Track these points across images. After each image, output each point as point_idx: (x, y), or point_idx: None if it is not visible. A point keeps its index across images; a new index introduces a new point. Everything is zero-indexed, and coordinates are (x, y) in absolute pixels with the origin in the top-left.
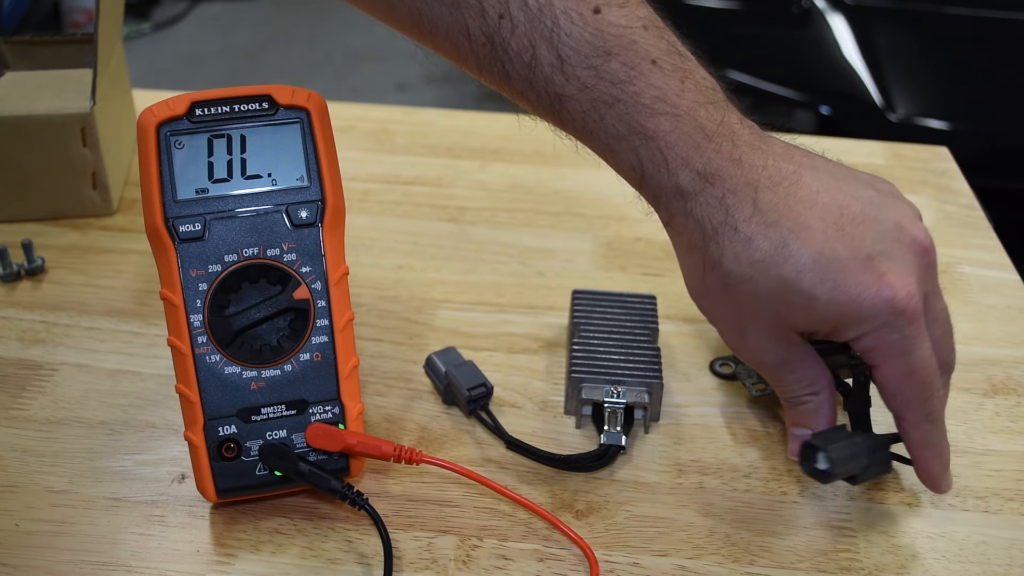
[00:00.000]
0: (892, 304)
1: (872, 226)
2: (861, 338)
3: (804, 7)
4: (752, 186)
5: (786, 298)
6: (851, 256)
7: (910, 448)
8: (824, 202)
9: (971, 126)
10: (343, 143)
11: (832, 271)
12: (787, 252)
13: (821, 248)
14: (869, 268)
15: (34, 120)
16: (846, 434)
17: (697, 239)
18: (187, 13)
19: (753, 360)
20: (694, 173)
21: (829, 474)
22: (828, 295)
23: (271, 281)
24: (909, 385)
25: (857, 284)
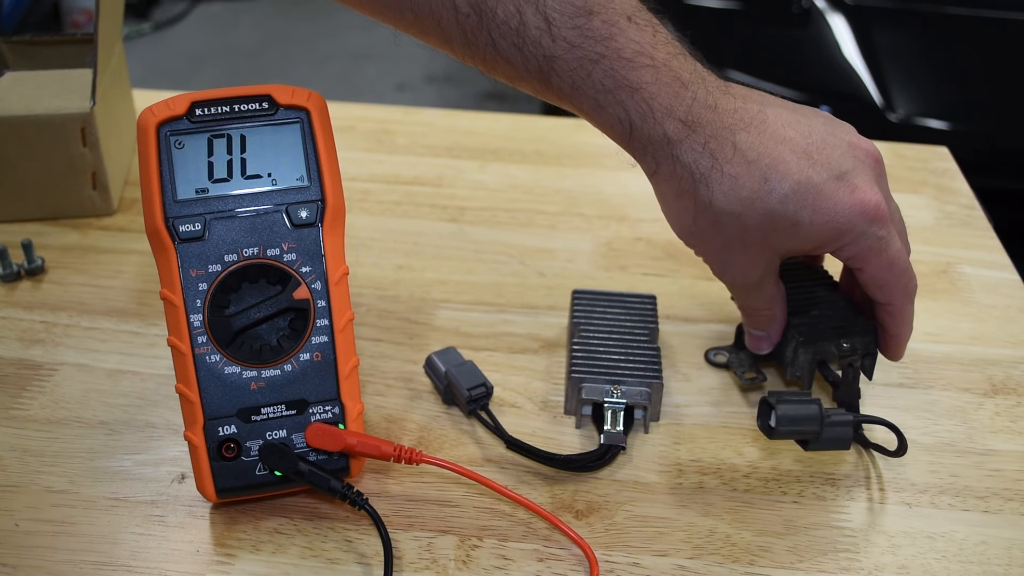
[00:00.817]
0: (865, 214)
1: (833, 149)
2: (843, 248)
3: (804, 7)
4: (730, 130)
5: (774, 227)
6: (824, 179)
7: (893, 327)
8: (790, 135)
9: (971, 126)
10: (343, 143)
11: (811, 196)
12: (770, 186)
13: (798, 178)
14: (841, 187)
15: (34, 120)
16: (805, 400)
17: (687, 184)
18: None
19: (736, 282)
20: (678, 121)
21: (773, 429)
22: (810, 218)
23: (271, 281)
24: (892, 276)
25: (834, 204)
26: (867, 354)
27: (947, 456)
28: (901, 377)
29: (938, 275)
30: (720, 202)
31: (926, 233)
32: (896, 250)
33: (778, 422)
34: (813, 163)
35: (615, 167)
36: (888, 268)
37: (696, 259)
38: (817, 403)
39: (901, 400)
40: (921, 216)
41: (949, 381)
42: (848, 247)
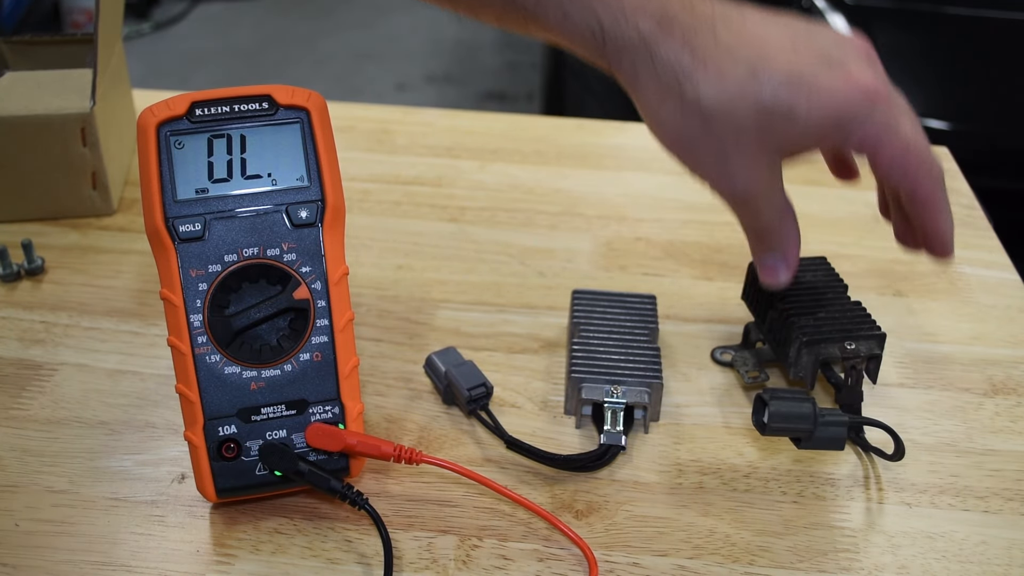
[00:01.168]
0: (865, 95)
1: (818, 39)
2: (849, 138)
3: (804, 7)
4: (708, 25)
5: (769, 122)
6: (815, 68)
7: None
8: (772, 31)
9: (971, 126)
10: (343, 143)
11: (804, 84)
12: (759, 79)
13: (787, 67)
14: (834, 72)
15: (34, 120)
16: (799, 398)
17: (671, 83)
18: (187, 13)
19: (738, 193)
20: (652, 20)
21: (765, 425)
22: (807, 106)
23: (271, 281)
24: (910, 157)
25: (830, 88)
26: (871, 357)
27: (947, 456)
28: (901, 377)
29: (938, 275)
30: (708, 99)
31: None
32: (909, 130)
33: (770, 418)
34: (799, 54)
35: (615, 167)
36: (903, 150)
37: (696, 259)
38: (811, 402)
39: (901, 400)
40: None
41: (949, 381)
42: (853, 135)
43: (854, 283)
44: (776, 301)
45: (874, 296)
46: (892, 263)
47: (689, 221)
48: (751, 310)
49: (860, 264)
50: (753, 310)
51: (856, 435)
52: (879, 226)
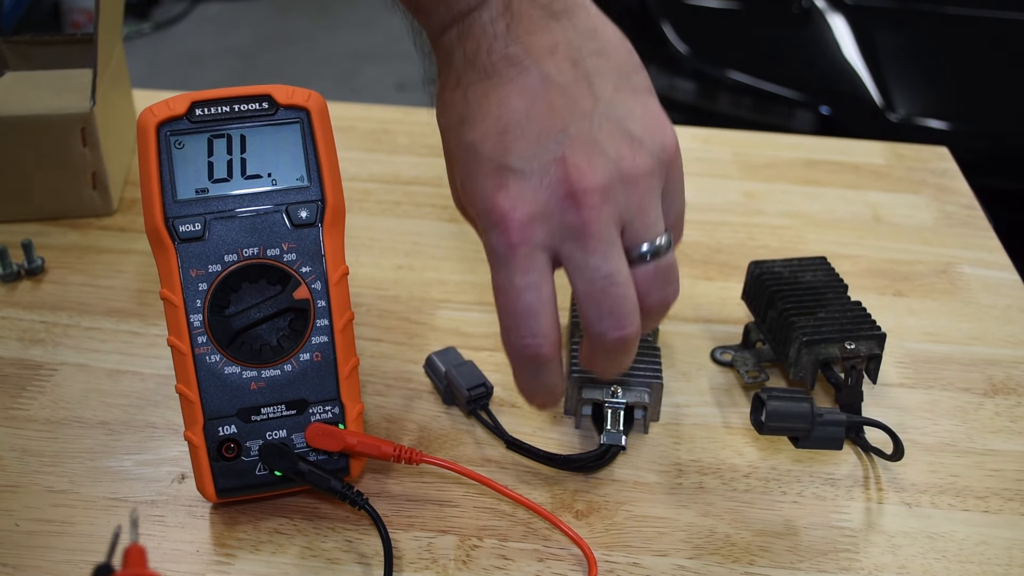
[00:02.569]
0: (489, 215)
1: (531, 146)
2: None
3: (804, 7)
4: (471, 63)
5: (452, 164)
6: (489, 158)
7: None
8: (514, 106)
9: (971, 126)
10: (343, 143)
11: (472, 167)
12: (459, 132)
13: (473, 140)
14: (495, 175)
15: (34, 120)
16: (797, 397)
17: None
18: (187, 13)
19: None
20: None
21: (763, 424)
22: (463, 181)
23: (271, 281)
24: (497, 301)
25: (478, 185)
26: (871, 357)
27: (947, 456)
28: (901, 377)
29: (938, 275)
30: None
31: (926, 233)
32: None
33: (768, 417)
34: (498, 140)
35: None
36: (496, 287)
37: (696, 259)
38: (809, 401)
39: (901, 400)
40: (921, 216)
41: (949, 381)
42: (482, 235)
43: (854, 283)
44: (776, 301)
45: (874, 296)
46: (892, 263)
47: (689, 221)
48: (751, 310)
49: (860, 264)
50: (753, 310)
51: (856, 435)
52: (879, 226)
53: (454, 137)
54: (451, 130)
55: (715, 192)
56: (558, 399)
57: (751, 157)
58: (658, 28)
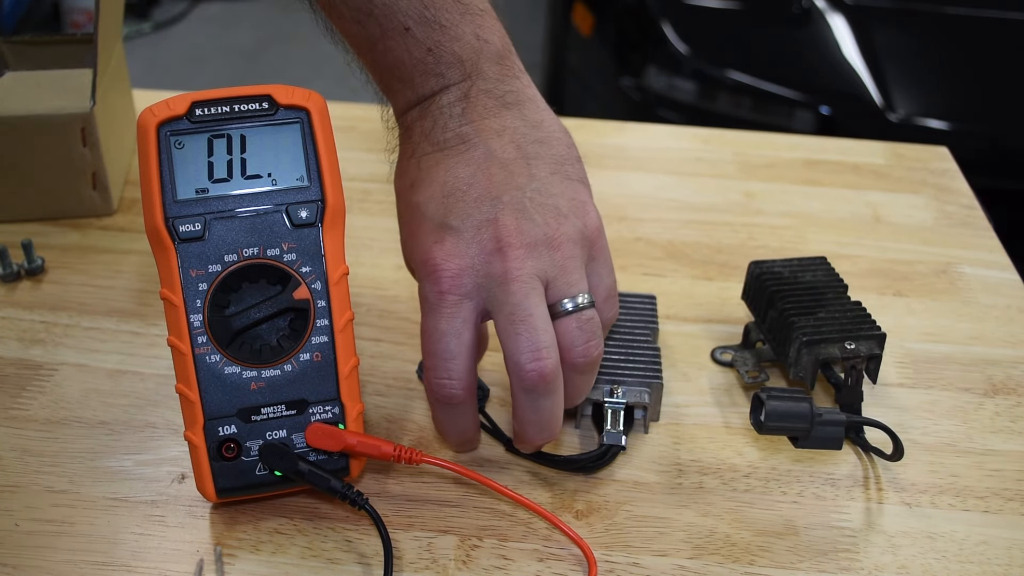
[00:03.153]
0: (424, 265)
1: (469, 208)
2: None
3: (804, 7)
4: (427, 137)
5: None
6: (432, 217)
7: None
8: (459, 174)
9: (971, 126)
10: (343, 143)
11: (416, 222)
12: (409, 195)
13: (419, 201)
14: (434, 232)
15: (34, 120)
16: (796, 397)
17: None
18: (187, 13)
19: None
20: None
21: (762, 424)
22: (407, 238)
23: (271, 281)
24: (424, 345)
25: (420, 241)
26: (871, 357)
27: (947, 456)
28: (901, 377)
29: (938, 275)
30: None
31: (926, 233)
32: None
33: (767, 417)
34: (441, 203)
35: (615, 167)
36: (422, 334)
37: (696, 259)
38: (808, 401)
39: (901, 400)
40: (921, 216)
41: (949, 381)
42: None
43: (854, 283)
44: (776, 301)
45: (874, 296)
46: (892, 263)
47: (689, 221)
48: (751, 310)
49: (860, 264)
50: (753, 310)
51: (856, 435)
52: (879, 226)
53: (404, 199)
54: (403, 193)
55: (715, 192)
56: (473, 443)
57: (751, 157)
58: (658, 28)
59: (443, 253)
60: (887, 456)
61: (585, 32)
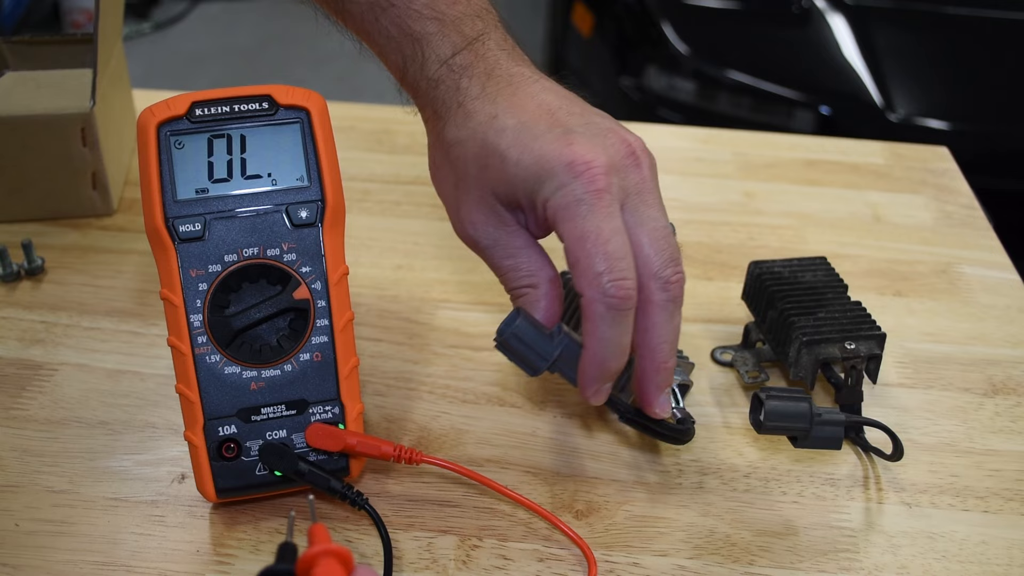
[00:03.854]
0: (571, 166)
1: (582, 118)
2: (547, 203)
3: (804, 7)
4: (487, 74)
5: (487, 161)
6: (549, 128)
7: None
8: (547, 98)
9: (971, 126)
10: (343, 143)
11: (527, 137)
12: (495, 121)
13: (525, 120)
14: (560, 138)
15: (34, 120)
16: (796, 397)
17: (432, 118)
18: (187, 13)
19: (470, 241)
20: (444, 66)
21: (761, 424)
22: (518, 156)
23: (271, 281)
24: (581, 250)
25: (543, 147)
26: (871, 357)
27: (947, 456)
28: (901, 377)
29: (938, 275)
30: (450, 132)
31: (926, 233)
32: (597, 225)
33: (766, 416)
34: (550, 117)
35: None
36: (578, 238)
37: (696, 259)
38: (808, 401)
39: (901, 400)
40: (921, 216)
41: (949, 381)
42: (549, 202)
43: (854, 283)
44: (776, 301)
45: (874, 296)
46: (892, 263)
47: (689, 221)
48: (751, 310)
49: (860, 264)
50: (753, 310)
51: (856, 435)
52: (879, 226)
53: (485, 134)
54: (480, 131)
55: (715, 192)
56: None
57: (751, 157)
58: (658, 28)
59: (588, 151)
60: (887, 456)
61: (585, 32)
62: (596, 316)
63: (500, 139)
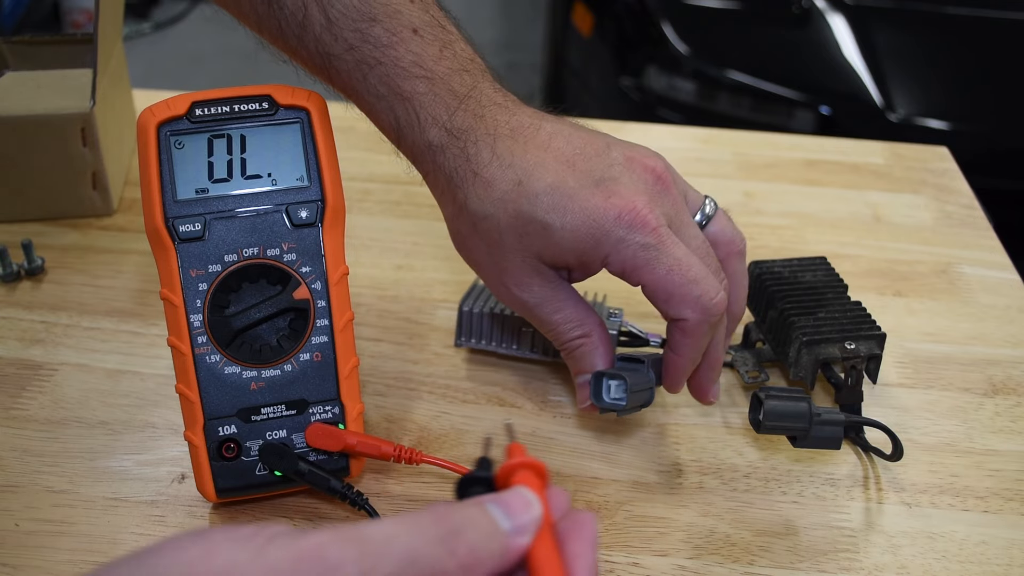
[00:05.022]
0: (620, 218)
1: (602, 159)
2: (608, 261)
3: (804, 7)
4: (492, 136)
5: (526, 229)
6: (580, 184)
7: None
8: (558, 145)
9: (971, 126)
10: (343, 143)
11: (564, 198)
12: (522, 188)
13: (552, 181)
14: (598, 191)
15: (34, 120)
16: (795, 397)
17: (446, 188)
18: (187, 13)
19: (516, 302)
20: (442, 130)
21: (760, 423)
22: (561, 221)
23: (271, 281)
24: (673, 282)
25: (585, 206)
26: (871, 357)
27: (947, 456)
28: (901, 377)
29: (938, 275)
30: (474, 204)
31: (926, 233)
32: (675, 257)
33: (765, 416)
34: (574, 169)
35: None
36: (667, 275)
37: None
38: (807, 400)
39: (901, 400)
40: (921, 216)
41: (949, 381)
42: (611, 258)
43: (854, 283)
44: (776, 301)
45: (874, 296)
46: (892, 263)
47: None
48: (751, 310)
49: (860, 264)
50: (753, 310)
51: (856, 435)
52: (879, 226)
53: (517, 203)
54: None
55: (715, 192)
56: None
57: (751, 157)
58: (658, 28)
59: (627, 198)
60: (887, 456)
61: (585, 32)
62: (701, 333)
63: (535, 207)
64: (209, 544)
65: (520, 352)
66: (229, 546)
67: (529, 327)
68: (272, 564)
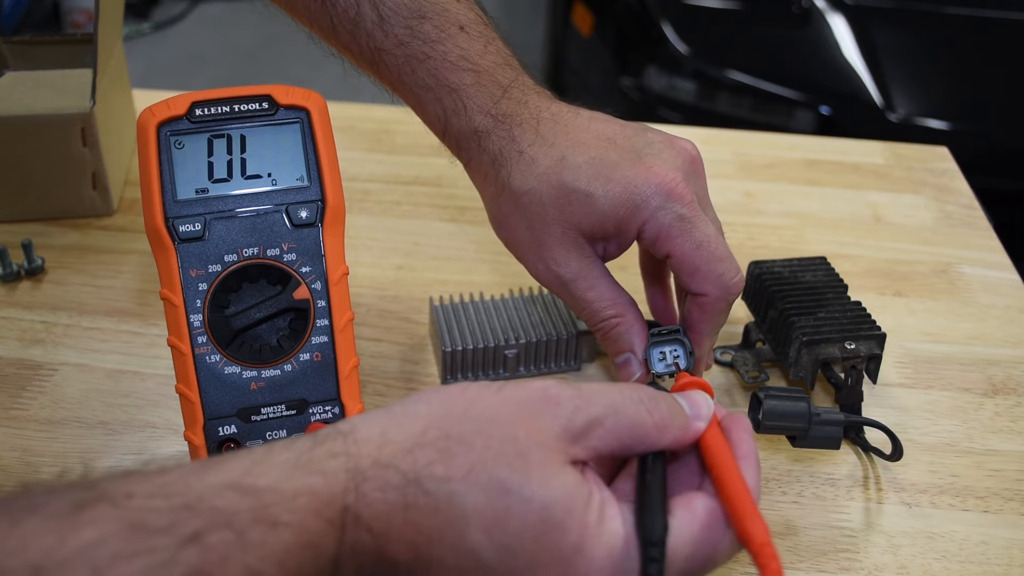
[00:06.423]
0: (660, 187)
1: (641, 138)
2: (644, 228)
3: (804, 7)
4: (535, 119)
5: (568, 199)
6: (622, 157)
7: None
8: (598, 127)
9: (971, 126)
10: (343, 143)
11: (605, 168)
12: (565, 162)
13: (595, 154)
14: (638, 163)
15: (34, 120)
16: (794, 397)
17: (491, 170)
18: (187, 13)
19: (552, 278)
20: (487, 116)
21: (760, 423)
22: (603, 189)
23: (271, 281)
24: (701, 256)
25: (627, 176)
26: (871, 357)
27: (947, 456)
28: (901, 377)
29: (938, 275)
30: (517, 181)
31: (926, 233)
32: (705, 232)
33: (765, 415)
34: (615, 145)
35: None
36: (694, 247)
37: None
38: (807, 400)
39: (901, 400)
40: (921, 216)
41: (949, 381)
42: (648, 224)
43: (854, 283)
44: (776, 301)
45: (874, 296)
46: (892, 263)
47: None
48: (751, 310)
49: (860, 264)
50: (753, 310)
51: (856, 435)
52: (879, 226)
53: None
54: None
55: (715, 192)
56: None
57: (751, 157)
58: (658, 28)
59: (666, 171)
60: (887, 456)
61: (585, 32)
62: (718, 310)
63: (578, 177)
64: (462, 385)
65: (508, 375)
66: (477, 386)
67: (512, 348)
68: (507, 395)
